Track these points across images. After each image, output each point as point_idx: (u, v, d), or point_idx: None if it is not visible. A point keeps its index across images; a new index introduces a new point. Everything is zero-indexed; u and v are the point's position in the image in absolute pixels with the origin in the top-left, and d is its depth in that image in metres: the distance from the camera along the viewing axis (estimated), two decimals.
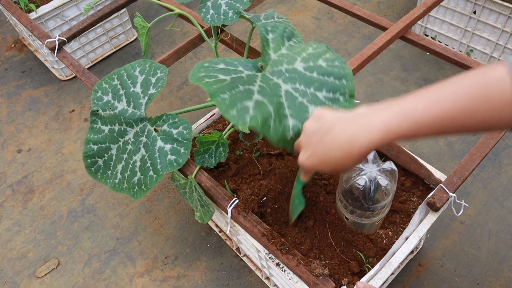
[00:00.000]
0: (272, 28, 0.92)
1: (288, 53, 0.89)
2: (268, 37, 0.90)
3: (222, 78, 0.77)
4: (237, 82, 0.76)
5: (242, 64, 0.83)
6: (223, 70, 0.79)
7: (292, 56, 0.87)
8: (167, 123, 0.99)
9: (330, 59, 0.87)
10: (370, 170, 0.91)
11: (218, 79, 0.76)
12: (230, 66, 0.81)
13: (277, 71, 0.83)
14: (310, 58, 0.87)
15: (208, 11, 1.08)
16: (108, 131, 1.02)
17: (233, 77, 0.78)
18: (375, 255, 0.98)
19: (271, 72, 0.83)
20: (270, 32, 0.91)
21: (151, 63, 1.05)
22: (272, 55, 0.87)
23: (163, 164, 0.96)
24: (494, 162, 1.57)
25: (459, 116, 0.54)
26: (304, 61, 0.86)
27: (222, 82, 0.75)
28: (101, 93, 1.05)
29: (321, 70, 0.84)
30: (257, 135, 1.10)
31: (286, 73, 0.83)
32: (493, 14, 1.71)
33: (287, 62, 0.85)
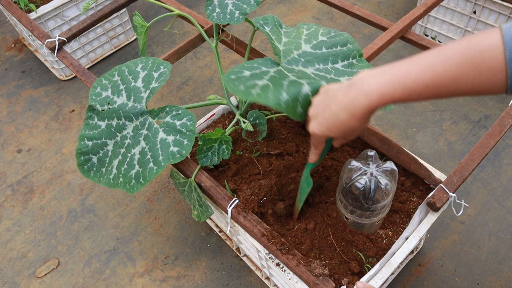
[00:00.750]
0: (264, 21, 0.95)
1: (289, 40, 0.93)
2: (267, 30, 0.93)
3: (262, 83, 0.79)
4: (277, 81, 0.80)
5: (262, 64, 0.85)
6: (253, 76, 0.81)
7: (295, 41, 0.92)
8: (170, 115, 0.98)
9: (327, 33, 0.95)
10: (370, 170, 0.91)
11: (262, 86, 0.78)
12: (255, 70, 0.83)
13: (292, 59, 0.89)
14: (311, 37, 0.93)
15: (214, 9, 1.08)
16: (105, 126, 1.01)
17: (269, 79, 0.80)
18: (375, 255, 0.98)
19: (287, 62, 0.88)
20: (265, 25, 0.94)
21: (154, 59, 1.04)
22: (279, 46, 0.91)
23: (165, 156, 0.95)
24: (494, 162, 1.57)
25: (450, 82, 0.58)
26: (307, 42, 0.92)
27: (267, 87, 0.78)
28: (100, 89, 1.05)
29: (327, 44, 0.92)
30: (260, 133, 1.10)
31: (301, 58, 0.89)
32: (493, 14, 1.71)
33: (295, 48, 0.91)
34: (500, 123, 1.04)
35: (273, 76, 0.82)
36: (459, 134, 1.66)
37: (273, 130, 1.22)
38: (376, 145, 1.12)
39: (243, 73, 0.81)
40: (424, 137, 1.66)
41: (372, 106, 0.64)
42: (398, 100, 0.62)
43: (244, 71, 0.82)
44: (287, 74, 0.83)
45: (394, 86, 0.61)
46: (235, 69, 0.83)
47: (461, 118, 1.71)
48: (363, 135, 1.15)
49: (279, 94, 0.76)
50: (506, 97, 1.75)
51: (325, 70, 0.87)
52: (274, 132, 1.22)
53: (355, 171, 0.91)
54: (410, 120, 1.72)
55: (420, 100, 0.63)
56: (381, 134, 1.11)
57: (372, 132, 1.13)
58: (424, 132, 1.68)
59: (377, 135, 1.12)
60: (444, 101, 1.76)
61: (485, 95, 0.61)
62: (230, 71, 0.82)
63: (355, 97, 0.65)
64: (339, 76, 0.87)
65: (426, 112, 1.74)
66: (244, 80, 0.79)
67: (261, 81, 0.79)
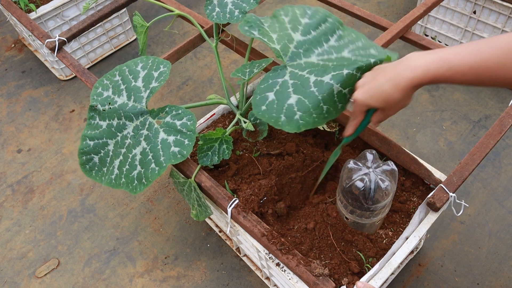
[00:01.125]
0: (248, 25, 0.96)
1: (278, 34, 0.95)
2: (256, 34, 0.94)
3: (294, 101, 0.84)
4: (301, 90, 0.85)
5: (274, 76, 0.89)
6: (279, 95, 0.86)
7: (284, 34, 0.94)
8: (170, 115, 0.98)
9: (304, 13, 0.98)
10: (370, 170, 0.91)
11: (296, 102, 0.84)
12: (275, 86, 0.87)
13: (291, 54, 0.91)
14: (295, 24, 0.96)
15: (214, 9, 1.08)
16: (106, 126, 1.01)
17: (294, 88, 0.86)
18: (375, 255, 0.98)
19: (289, 59, 0.91)
20: (252, 29, 0.96)
21: (154, 59, 1.04)
22: (276, 46, 0.93)
23: (166, 156, 0.94)
24: (494, 162, 1.57)
25: (494, 68, 0.61)
26: (294, 30, 0.95)
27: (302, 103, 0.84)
28: (102, 89, 1.05)
29: (312, 26, 0.95)
30: (261, 132, 1.09)
31: (299, 49, 0.92)
32: (493, 14, 1.71)
33: (288, 41, 0.93)
34: (500, 123, 1.04)
35: (294, 84, 0.85)
36: (459, 134, 1.66)
37: (273, 130, 1.22)
38: (376, 145, 1.12)
39: (268, 98, 0.85)
40: (424, 137, 1.66)
41: (416, 79, 0.68)
42: (442, 79, 0.65)
43: (267, 94, 0.85)
44: (303, 75, 0.86)
45: (440, 64, 0.65)
46: (257, 96, 0.86)
47: (461, 118, 1.71)
48: (363, 135, 1.15)
49: (320, 109, 0.82)
50: (506, 97, 1.75)
51: (327, 52, 0.91)
52: (274, 132, 1.22)
53: (355, 171, 0.91)
54: (410, 120, 1.71)
55: (462, 83, 0.65)
56: (381, 134, 1.11)
57: (372, 132, 1.13)
58: (424, 132, 1.68)
59: (377, 135, 1.12)
60: (444, 101, 1.76)
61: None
62: (255, 100, 0.86)
63: (401, 70, 0.70)
64: (340, 52, 0.90)
65: (426, 112, 1.74)
66: (277, 107, 0.83)
67: (291, 98, 0.83)
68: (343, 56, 0.89)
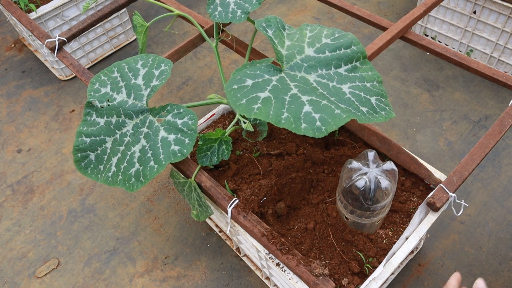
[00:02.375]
0: (266, 23, 0.94)
1: (292, 43, 0.93)
2: (269, 33, 0.92)
3: (264, 96, 0.80)
4: (279, 94, 0.81)
5: (264, 71, 0.86)
6: (255, 86, 0.82)
7: (298, 45, 0.92)
8: (171, 113, 0.98)
9: (330, 34, 0.94)
10: (370, 170, 0.91)
11: (263, 99, 0.79)
12: (257, 78, 0.84)
13: (294, 64, 0.89)
14: (314, 40, 0.92)
15: (216, 8, 1.08)
16: (104, 123, 1.01)
17: (271, 90, 0.82)
18: (375, 255, 0.98)
19: (289, 68, 0.88)
20: (268, 28, 0.93)
21: (154, 57, 1.04)
22: (282, 50, 0.91)
23: (166, 154, 0.94)
24: (494, 162, 1.57)
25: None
26: (310, 45, 0.92)
27: (269, 101, 0.80)
28: (99, 85, 1.04)
29: (330, 47, 0.91)
30: (260, 133, 1.09)
31: (303, 63, 0.89)
32: (493, 14, 1.71)
33: (298, 52, 0.90)
34: (500, 123, 1.04)
35: (275, 85, 0.82)
36: (459, 134, 1.66)
37: (273, 130, 1.22)
38: (376, 145, 1.12)
39: (245, 81, 0.82)
40: (424, 137, 1.66)
41: None
42: None
43: (247, 79, 0.82)
44: (290, 85, 0.83)
45: None
46: (237, 76, 0.83)
47: (461, 118, 1.71)
48: (363, 135, 1.15)
49: (280, 113, 0.78)
50: (506, 97, 1.75)
51: (328, 76, 0.87)
52: (274, 132, 1.22)
53: (355, 171, 0.91)
54: (410, 120, 1.71)
55: None
56: (381, 134, 1.11)
57: (372, 132, 1.13)
58: (424, 132, 1.68)
59: (377, 135, 1.12)
60: (444, 101, 1.76)
61: None
62: (232, 79, 0.82)
63: None
64: (341, 84, 0.86)
65: (426, 112, 1.74)
66: (246, 92, 0.80)
67: (263, 93, 0.80)
68: (341, 88, 0.86)
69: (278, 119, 0.77)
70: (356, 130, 1.17)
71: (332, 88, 0.85)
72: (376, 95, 0.88)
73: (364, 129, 1.15)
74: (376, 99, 0.87)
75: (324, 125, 0.76)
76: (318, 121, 0.78)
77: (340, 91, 0.85)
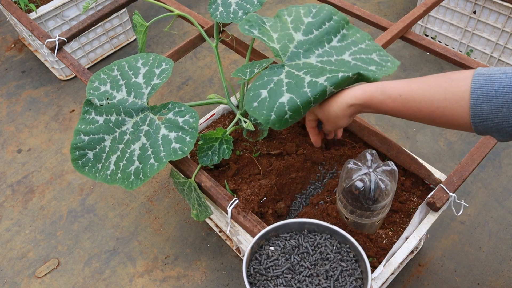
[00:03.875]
0: (248, 24, 0.96)
1: (279, 34, 0.94)
2: (256, 33, 0.93)
3: (287, 100, 0.83)
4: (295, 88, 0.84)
5: (270, 74, 0.87)
6: (272, 93, 0.84)
7: (286, 33, 0.93)
8: (172, 111, 0.97)
9: (308, 11, 0.96)
10: (370, 170, 0.91)
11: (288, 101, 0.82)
12: (269, 85, 0.85)
13: (291, 54, 0.90)
14: (297, 23, 0.95)
15: (217, 8, 1.09)
16: (103, 121, 1.00)
17: (288, 88, 0.84)
18: (375, 255, 0.98)
19: (288, 59, 0.90)
20: (252, 28, 0.95)
21: (155, 56, 1.04)
22: (275, 45, 0.92)
23: (167, 152, 0.94)
24: (494, 162, 1.57)
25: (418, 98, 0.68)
26: (296, 29, 0.94)
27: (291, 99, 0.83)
28: (98, 83, 1.04)
29: (315, 25, 0.93)
30: (261, 132, 1.09)
31: (299, 49, 0.91)
32: (493, 14, 1.71)
33: (289, 41, 0.92)
34: None
35: (289, 83, 0.84)
36: (459, 134, 1.66)
37: (273, 130, 1.22)
38: (376, 145, 1.12)
39: (260, 95, 0.83)
40: (424, 137, 1.66)
41: (353, 98, 0.77)
42: (375, 103, 0.74)
43: (261, 91, 0.84)
44: (299, 75, 0.85)
45: (375, 89, 0.74)
46: (250, 93, 0.84)
47: None
48: (363, 135, 1.15)
49: (308, 102, 0.81)
50: None
51: (327, 53, 0.90)
52: (274, 132, 1.22)
53: (355, 171, 0.91)
54: None
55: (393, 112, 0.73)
56: (381, 134, 1.11)
57: (372, 132, 1.13)
58: (424, 132, 1.68)
59: (377, 135, 1.12)
60: None
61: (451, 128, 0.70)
62: (248, 97, 0.84)
63: (346, 93, 0.80)
64: (341, 55, 0.90)
65: None
66: (268, 105, 0.82)
67: (283, 96, 0.82)
68: (343, 59, 0.89)
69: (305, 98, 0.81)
70: (356, 130, 1.17)
71: (336, 62, 0.88)
72: (374, 51, 0.91)
73: (364, 129, 1.15)
74: (377, 54, 0.91)
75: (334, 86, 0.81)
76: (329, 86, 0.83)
77: (344, 61, 0.88)
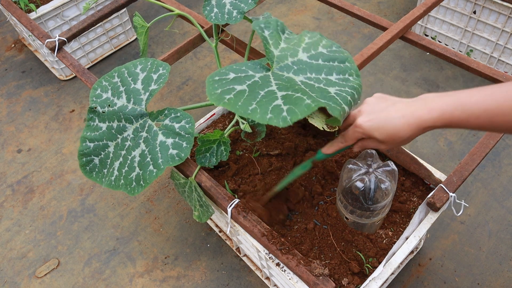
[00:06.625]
0: (265, 24, 0.93)
1: (288, 46, 0.91)
2: (265, 34, 0.92)
3: (240, 89, 0.78)
4: (255, 89, 0.79)
5: (250, 67, 0.84)
6: (235, 79, 0.81)
7: (293, 48, 0.90)
8: (169, 118, 0.98)
9: (328, 45, 0.92)
10: (370, 170, 0.91)
11: (237, 92, 0.78)
12: (241, 73, 0.82)
13: (284, 65, 0.86)
14: (310, 47, 0.91)
15: (212, 10, 1.08)
16: (106, 128, 1.02)
17: (249, 84, 0.80)
18: (375, 255, 0.98)
19: (279, 68, 0.86)
20: (265, 29, 0.93)
21: (153, 61, 1.04)
22: (275, 51, 0.89)
23: (164, 158, 0.95)
24: (494, 162, 1.57)
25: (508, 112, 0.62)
26: (305, 51, 0.90)
27: (242, 94, 0.78)
28: (101, 90, 1.05)
29: (324, 57, 0.89)
30: (259, 134, 1.09)
31: (294, 65, 0.87)
32: (493, 14, 1.71)
33: (291, 55, 0.88)
34: None
35: (256, 81, 0.81)
36: (459, 134, 1.66)
37: (273, 130, 1.22)
38: None
39: (228, 75, 0.81)
40: (424, 137, 1.66)
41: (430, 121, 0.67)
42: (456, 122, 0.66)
43: (230, 73, 0.82)
44: (271, 82, 0.81)
45: (455, 106, 0.65)
46: (222, 69, 0.83)
47: None
48: None
49: (249, 104, 0.76)
50: None
51: (316, 80, 0.85)
52: (274, 132, 1.22)
53: (355, 171, 0.91)
54: None
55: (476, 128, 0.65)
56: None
57: None
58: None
59: None
60: None
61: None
62: (217, 71, 0.82)
63: (417, 109, 0.69)
64: (329, 86, 0.84)
65: None
66: (224, 84, 0.79)
67: (241, 86, 0.79)
68: (327, 89, 0.83)
69: (244, 109, 0.75)
70: None
71: (317, 88, 0.82)
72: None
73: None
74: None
75: (290, 115, 0.74)
76: (285, 112, 0.76)
77: (325, 91, 0.82)
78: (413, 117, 0.69)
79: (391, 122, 0.71)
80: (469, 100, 0.64)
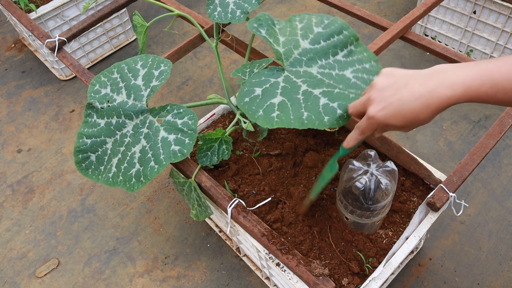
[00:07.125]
0: (258, 23, 0.95)
1: (286, 38, 0.93)
2: (263, 34, 0.92)
3: (277, 101, 0.82)
4: (291, 95, 0.82)
5: (268, 75, 0.87)
6: (265, 93, 0.83)
7: (293, 39, 0.92)
8: (171, 114, 0.98)
9: (320, 21, 0.95)
10: (370, 170, 0.91)
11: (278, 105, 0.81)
12: (265, 84, 0.85)
13: (294, 60, 0.89)
14: (306, 31, 0.93)
15: (215, 8, 1.08)
16: (105, 124, 1.01)
17: (281, 92, 0.83)
18: (375, 255, 0.98)
19: (290, 64, 0.89)
20: (260, 28, 0.94)
21: (154, 57, 1.04)
22: (279, 49, 0.91)
23: (166, 154, 0.94)
24: (494, 162, 1.57)
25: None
26: (304, 37, 0.92)
27: (285, 106, 0.81)
28: (99, 86, 1.04)
29: (323, 36, 0.92)
30: (261, 133, 1.09)
31: (302, 57, 0.89)
32: (493, 14, 1.71)
33: (294, 47, 0.91)
34: (500, 123, 1.04)
35: (284, 87, 0.83)
36: (459, 134, 1.66)
37: (273, 130, 1.22)
38: (376, 145, 1.12)
39: (254, 91, 0.83)
40: (424, 137, 1.66)
41: (454, 98, 0.59)
42: (483, 97, 0.58)
43: (255, 89, 0.83)
44: (297, 82, 0.84)
45: (482, 80, 0.57)
46: (244, 88, 0.84)
47: (461, 118, 1.71)
48: None
49: (300, 114, 0.78)
50: None
51: (329, 66, 0.89)
52: (274, 132, 1.22)
53: (355, 171, 0.91)
54: None
55: (499, 103, 0.58)
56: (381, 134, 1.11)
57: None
58: (424, 132, 1.68)
59: None
60: None
61: None
62: (241, 92, 0.83)
63: (435, 87, 0.60)
64: (343, 70, 0.88)
65: None
66: (259, 102, 0.81)
67: (276, 98, 0.81)
68: (344, 75, 0.88)
69: (300, 121, 0.77)
70: None
71: (336, 76, 0.86)
72: (376, 74, 0.89)
73: None
74: None
75: (344, 110, 0.78)
76: (338, 109, 0.79)
77: (344, 77, 0.87)
78: (433, 97, 0.60)
79: (408, 106, 0.62)
80: (498, 70, 0.56)
